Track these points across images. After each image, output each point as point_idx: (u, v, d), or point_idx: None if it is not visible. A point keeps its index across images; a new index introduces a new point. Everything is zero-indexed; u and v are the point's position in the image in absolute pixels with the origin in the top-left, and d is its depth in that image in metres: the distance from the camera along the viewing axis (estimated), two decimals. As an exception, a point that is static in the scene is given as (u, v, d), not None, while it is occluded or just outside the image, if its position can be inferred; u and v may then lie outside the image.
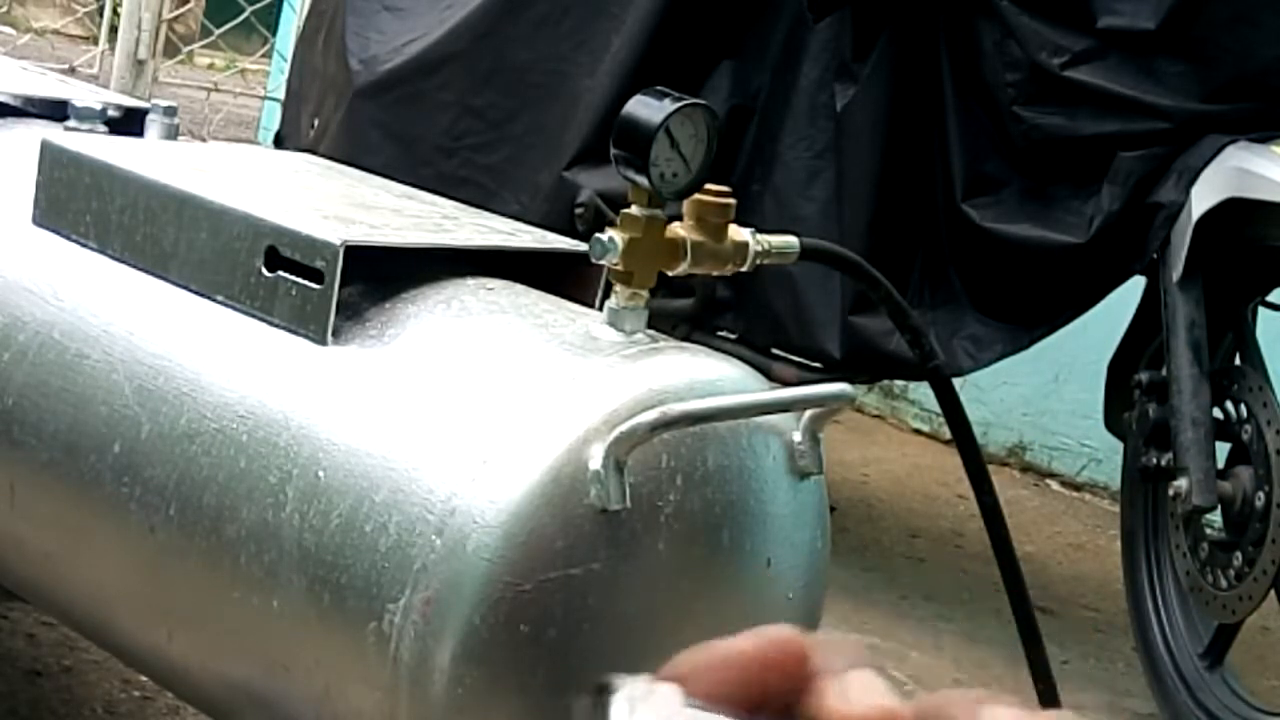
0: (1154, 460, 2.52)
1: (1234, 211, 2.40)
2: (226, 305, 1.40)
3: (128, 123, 1.81)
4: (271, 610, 1.28)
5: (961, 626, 2.92)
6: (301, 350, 1.34)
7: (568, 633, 1.20)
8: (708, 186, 1.37)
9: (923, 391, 4.12)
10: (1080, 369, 3.71)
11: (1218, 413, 2.46)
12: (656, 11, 2.78)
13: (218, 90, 5.49)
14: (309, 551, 1.25)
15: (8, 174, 1.66)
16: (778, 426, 1.33)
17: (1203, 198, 2.42)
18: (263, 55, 5.92)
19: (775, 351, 2.84)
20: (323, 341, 1.33)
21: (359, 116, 3.01)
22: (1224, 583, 2.42)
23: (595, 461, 1.19)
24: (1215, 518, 2.47)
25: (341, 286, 1.32)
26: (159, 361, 1.41)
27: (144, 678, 1.96)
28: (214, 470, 1.33)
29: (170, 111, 1.80)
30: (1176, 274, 2.45)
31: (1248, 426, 2.42)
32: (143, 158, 1.54)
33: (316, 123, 3.15)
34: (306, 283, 1.34)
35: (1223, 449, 2.45)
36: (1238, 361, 2.53)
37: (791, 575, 1.35)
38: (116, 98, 1.92)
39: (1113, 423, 2.73)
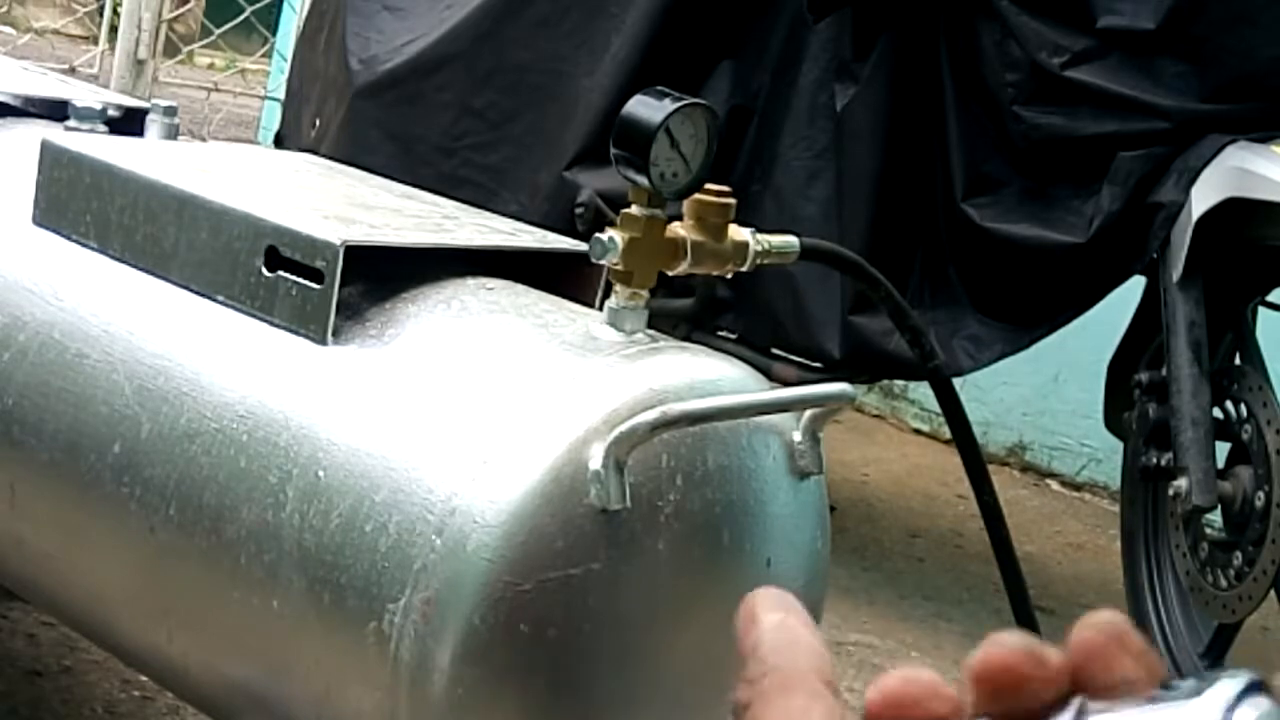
0: (1154, 460, 2.52)
1: (1234, 211, 2.40)
2: (227, 305, 1.40)
3: (128, 123, 1.81)
4: (271, 610, 1.28)
5: (961, 626, 2.92)
6: (301, 350, 1.34)
7: (568, 633, 1.20)
8: (708, 186, 1.37)
9: (923, 391, 4.12)
10: (1080, 369, 3.71)
11: (1218, 413, 2.46)
12: (656, 11, 2.79)
13: (218, 90, 5.49)
14: (309, 551, 1.25)
15: (8, 174, 1.66)
16: (778, 426, 1.33)
17: (1203, 198, 2.42)
18: (263, 55, 5.92)
19: (775, 351, 2.84)
20: (323, 341, 1.33)
21: (359, 116, 3.01)
22: (1224, 583, 2.42)
23: (595, 461, 1.19)
24: (1215, 518, 2.47)
25: (341, 286, 1.32)
26: (159, 361, 1.41)
27: (144, 678, 1.96)
28: (214, 470, 1.33)
29: (170, 111, 1.80)
30: (1176, 274, 2.45)
31: (1248, 426, 2.42)
32: (143, 158, 1.54)
33: (317, 123, 3.15)
34: (306, 283, 1.34)
35: (1223, 449, 2.45)
36: (1238, 361, 2.53)
37: (791, 575, 1.35)
38: (116, 98, 1.92)
39: (1113, 423, 2.73)
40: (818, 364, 2.75)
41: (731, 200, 1.40)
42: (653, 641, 1.27)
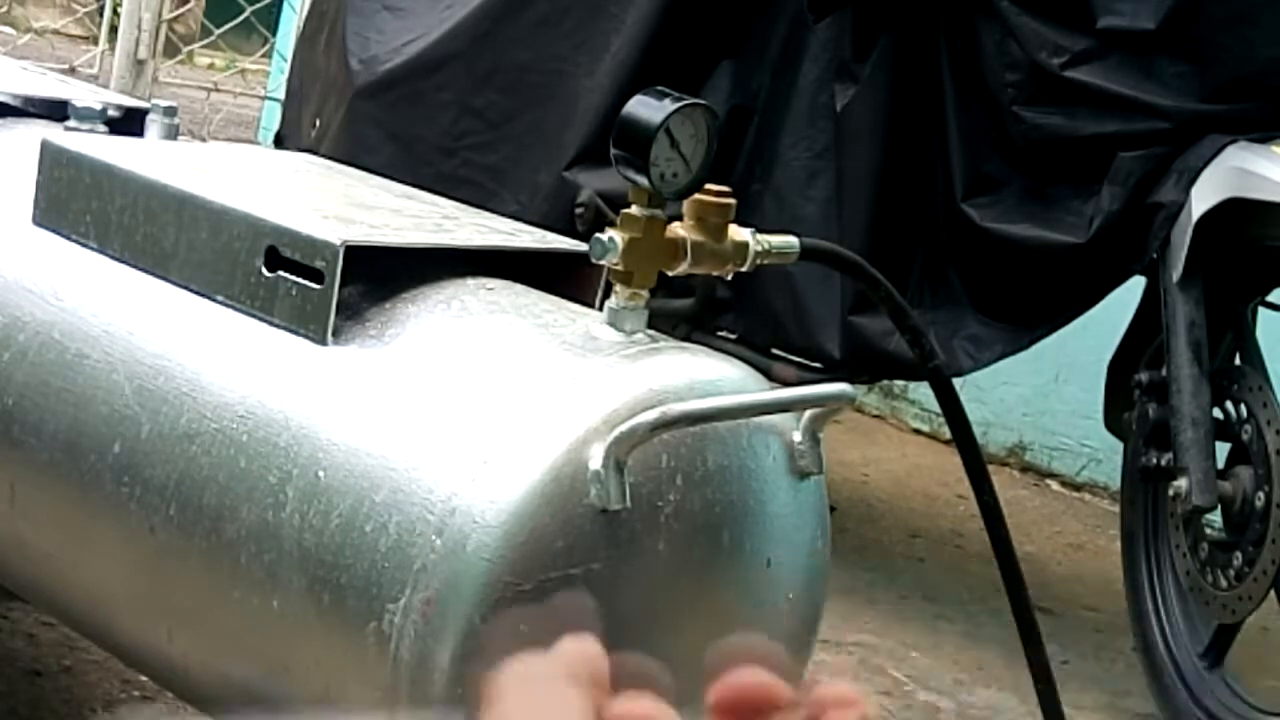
0: (1154, 460, 2.52)
1: (1234, 211, 2.40)
2: (226, 305, 1.40)
3: (128, 123, 1.81)
4: (271, 610, 1.28)
5: (961, 626, 2.91)
6: (301, 350, 1.34)
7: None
8: (708, 186, 1.37)
9: (923, 391, 4.12)
10: (1080, 369, 3.71)
11: (1218, 413, 2.46)
12: (656, 11, 2.78)
13: (218, 90, 5.48)
14: (309, 551, 1.25)
15: (8, 174, 1.66)
16: (778, 426, 1.33)
17: (1203, 198, 2.42)
18: (263, 55, 5.91)
19: (775, 351, 2.84)
20: (323, 341, 1.33)
21: (359, 116, 3.01)
22: (1224, 583, 2.42)
23: (595, 461, 1.19)
24: (1215, 518, 2.47)
25: (341, 286, 1.32)
26: (159, 361, 1.41)
27: (144, 678, 1.96)
28: (214, 470, 1.33)
29: (170, 111, 1.80)
30: (1176, 274, 2.45)
31: (1248, 426, 2.42)
32: (143, 158, 1.54)
33: (317, 123, 3.15)
34: (306, 283, 1.34)
35: (1223, 449, 2.45)
36: (1238, 361, 2.53)
37: (791, 575, 1.35)
38: (116, 98, 1.91)
39: (1113, 423, 2.73)
40: (818, 364, 2.75)
41: (731, 200, 1.40)
42: (653, 641, 1.27)
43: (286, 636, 1.28)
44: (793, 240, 1.50)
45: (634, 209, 1.32)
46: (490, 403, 1.24)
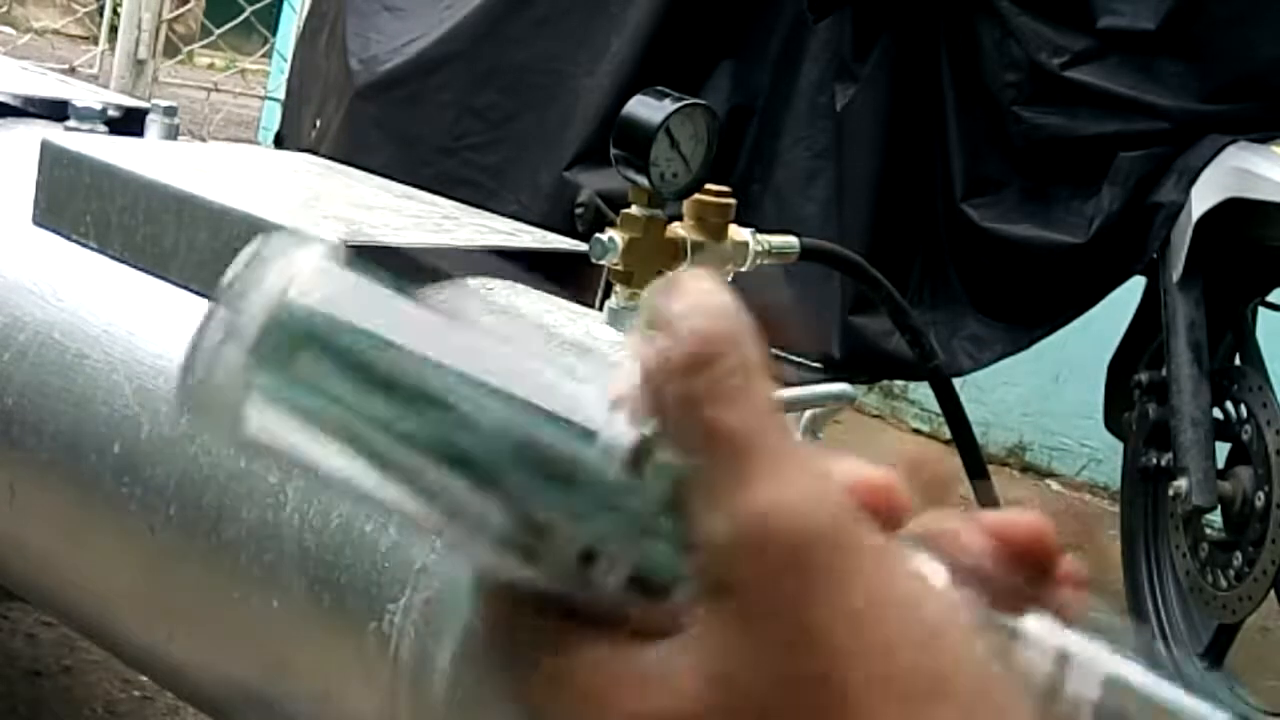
0: (1154, 460, 2.52)
1: (1234, 211, 2.40)
2: (226, 305, 1.40)
3: (128, 123, 1.81)
4: (271, 610, 1.28)
5: (961, 626, 2.91)
6: (301, 350, 1.34)
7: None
8: (708, 186, 1.37)
9: (923, 391, 4.12)
10: (1080, 369, 3.71)
11: (1218, 413, 2.46)
12: (656, 11, 2.78)
13: (218, 90, 5.48)
14: (309, 551, 1.25)
15: (8, 174, 1.66)
16: (778, 426, 1.33)
17: (1203, 198, 2.42)
18: (263, 55, 5.91)
19: (775, 351, 2.84)
20: (323, 341, 1.33)
21: (359, 116, 3.01)
22: (1224, 583, 2.42)
23: (595, 461, 1.19)
24: (1215, 518, 2.47)
25: (341, 286, 1.32)
26: (159, 361, 1.41)
27: (144, 678, 1.96)
28: (214, 470, 1.33)
29: (170, 111, 1.80)
30: (1176, 274, 2.45)
31: (1248, 426, 2.43)
32: (143, 158, 1.54)
33: (317, 123, 3.15)
34: (306, 283, 1.34)
35: (1223, 449, 2.45)
36: (1238, 361, 2.54)
37: (791, 575, 1.35)
38: (116, 98, 1.92)
39: (1113, 423, 2.73)
40: (818, 364, 2.75)
41: (731, 200, 1.40)
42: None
43: (286, 637, 1.28)
44: (793, 240, 1.50)
45: (634, 209, 1.32)
46: (490, 403, 1.24)
